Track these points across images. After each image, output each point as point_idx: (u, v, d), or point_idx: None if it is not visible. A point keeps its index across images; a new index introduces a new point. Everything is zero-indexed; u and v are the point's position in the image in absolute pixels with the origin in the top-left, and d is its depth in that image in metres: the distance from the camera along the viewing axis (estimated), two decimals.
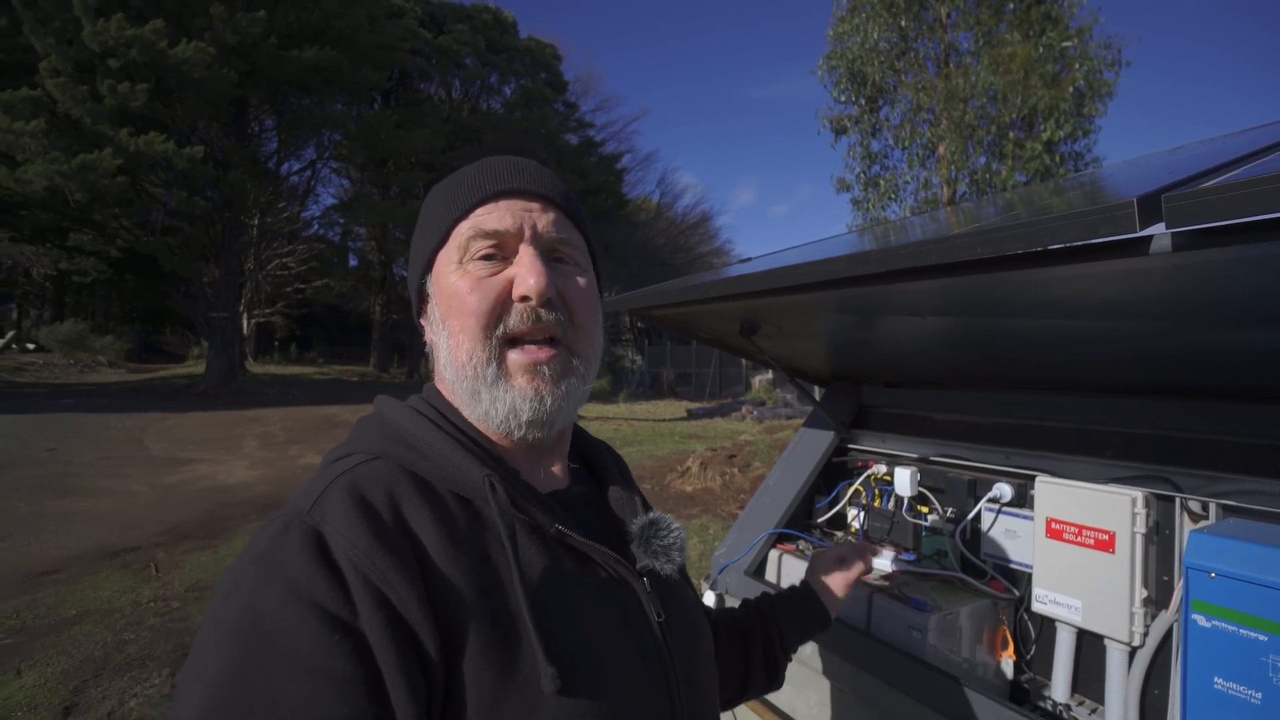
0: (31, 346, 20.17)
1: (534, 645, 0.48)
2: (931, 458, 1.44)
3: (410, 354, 23.14)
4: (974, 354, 1.27)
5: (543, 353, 0.57)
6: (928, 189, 12.76)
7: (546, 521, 0.54)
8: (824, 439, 1.66)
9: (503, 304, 0.57)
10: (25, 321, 25.63)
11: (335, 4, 14.59)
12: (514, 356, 0.57)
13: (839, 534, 1.61)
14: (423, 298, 0.64)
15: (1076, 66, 10.82)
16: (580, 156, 24.90)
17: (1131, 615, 1.01)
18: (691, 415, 13.73)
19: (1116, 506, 1.02)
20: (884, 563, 1.33)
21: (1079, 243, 0.51)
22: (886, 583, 1.27)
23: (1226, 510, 0.97)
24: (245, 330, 19.40)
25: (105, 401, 12.33)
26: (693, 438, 10.08)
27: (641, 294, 1.35)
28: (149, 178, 13.57)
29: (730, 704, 0.87)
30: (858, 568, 0.99)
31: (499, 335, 0.56)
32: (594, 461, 0.72)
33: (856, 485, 1.55)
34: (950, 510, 1.36)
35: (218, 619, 0.44)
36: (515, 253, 0.58)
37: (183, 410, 11.75)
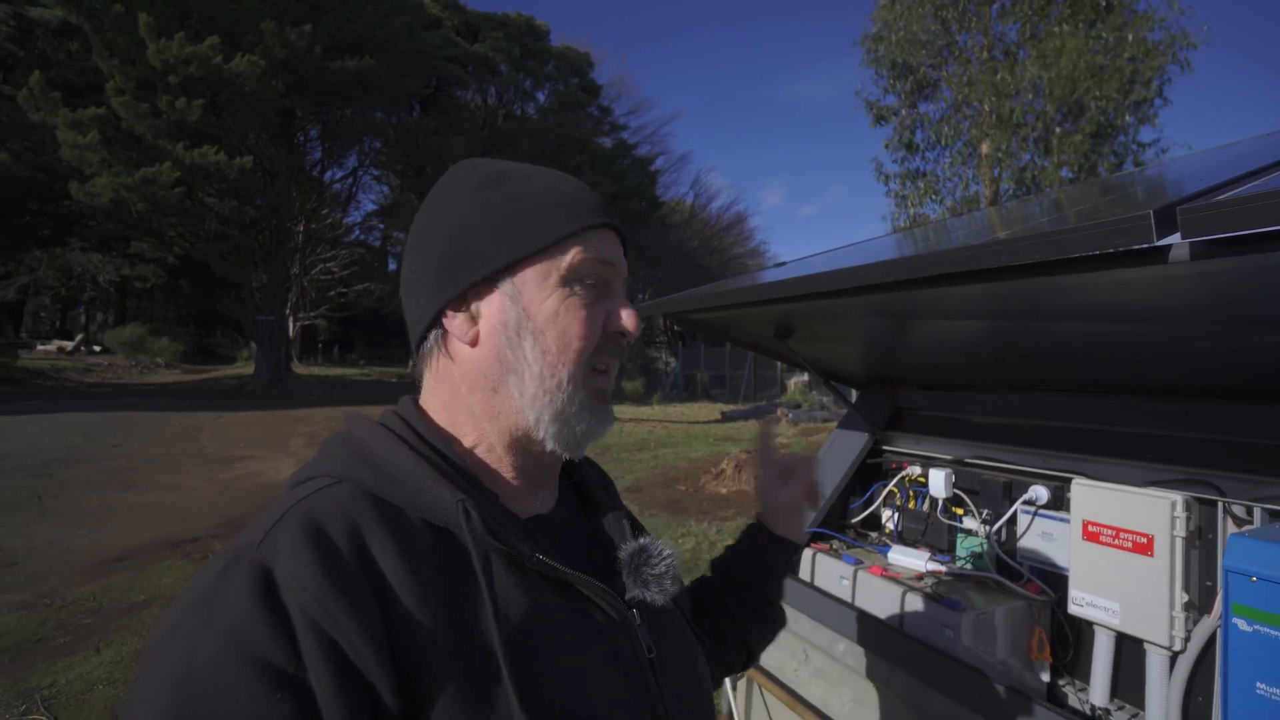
0: (98, 349, 21.39)
1: (510, 693, 0.44)
2: (966, 459, 1.45)
3: None
4: (1010, 357, 1.27)
5: (609, 379, 0.59)
6: (970, 187, 12.45)
7: (526, 551, 0.50)
8: (858, 440, 1.67)
9: (602, 336, 0.57)
10: (92, 325, 27.20)
11: (375, 14, 15.08)
12: (596, 383, 0.57)
13: (873, 534, 1.62)
14: (476, 295, 0.56)
15: (1126, 57, 10.40)
16: (614, 160, 25.07)
17: (1172, 619, 1.00)
18: (726, 418, 13.68)
19: (1155, 509, 1.02)
20: (917, 563, 1.34)
21: (1098, 252, 0.53)
22: (920, 582, 1.28)
23: (1272, 515, 0.96)
24: (291, 333, 20.16)
25: (164, 401, 13.01)
26: (727, 440, 10.05)
27: (678, 298, 1.40)
28: (203, 188, 14.25)
29: (747, 665, 0.85)
30: (805, 476, 0.86)
31: (590, 365, 0.57)
32: (580, 481, 0.68)
33: (891, 486, 1.56)
34: (985, 512, 1.36)
35: (155, 666, 0.40)
36: (609, 285, 0.58)
37: (234, 409, 12.30)
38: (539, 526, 0.57)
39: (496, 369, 0.55)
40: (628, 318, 0.57)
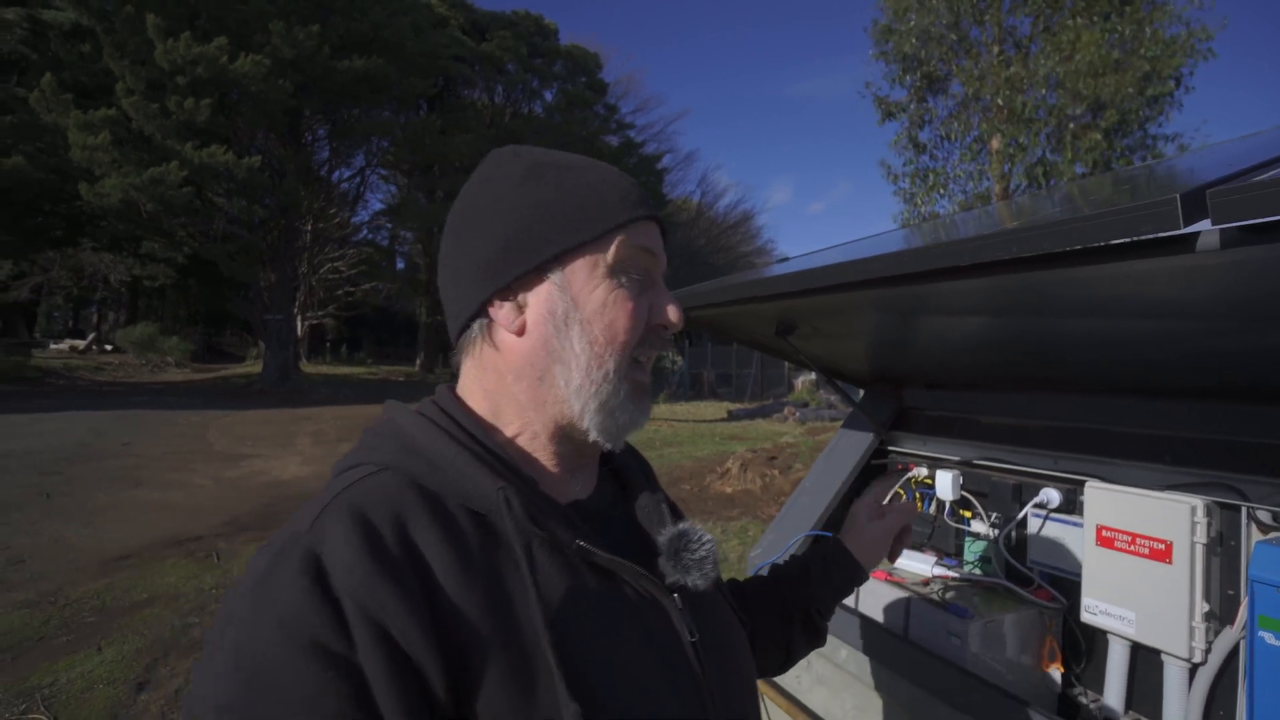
0: (109, 348, 21.62)
1: (555, 678, 0.44)
2: (975, 461, 1.40)
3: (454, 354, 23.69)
4: (1019, 355, 1.23)
5: (647, 372, 0.60)
6: (978, 182, 12.30)
7: (567, 537, 0.51)
8: (863, 440, 1.63)
9: (645, 328, 0.58)
10: (104, 325, 27.50)
11: (381, 14, 15.12)
12: (636, 375, 0.58)
13: None
14: (523, 285, 0.56)
15: (1142, 52, 10.22)
16: (621, 158, 25.03)
17: (1191, 630, 0.96)
18: (732, 416, 13.63)
19: (1174, 514, 0.97)
20: (924, 567, 1.30)
21: (1119, 241, 0.49)
22: (926, 587, 1.24)
23: None
24: (299, 332, 20.27)
25: (173, 399, 13.12)
26: (733, 439, 10.01)
27: (677, 295, 1.36)
28: (211, 187, 14.35)
29: (781, 670, 0.87)
30: (897, 521, 0.91)
31: (633, 357, 0.57)
32: (619, 466, 0.69)
33: (896, 488, 1.52)
34: (994, 515, 1.32)
35: (214, 650, 0.42)
36: (652, 277, 0.59)
37: (242, 408, 12.38)
38: (578, 511, 0.57)
39: (543, 358, 0.55)
40: (671, 310, 0.58)
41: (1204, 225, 0.46)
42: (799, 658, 0.86)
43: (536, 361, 0.56)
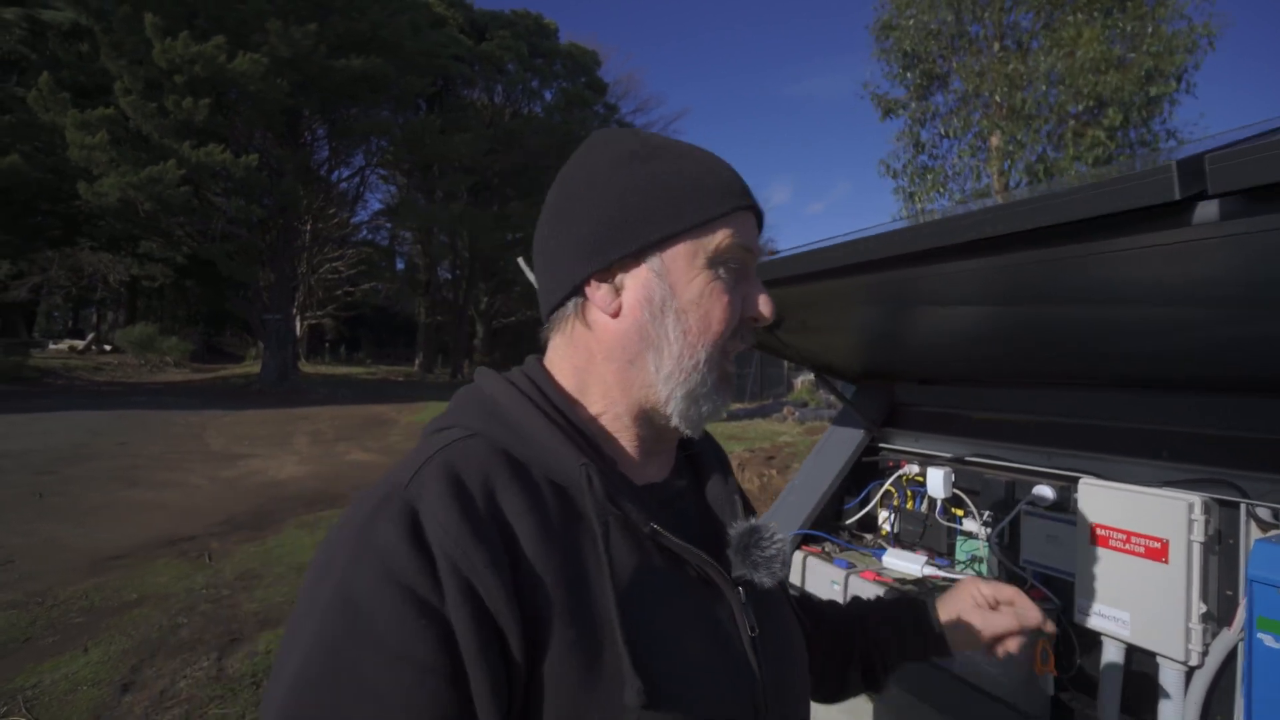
0: (108, 348, 21.60)
1: (620, 653, 0.46)
2: (967, 458, 1.37)
3: (454, 355, 23.70)
4: (1012, 348, 1.19)
5: (732, 362, 0.60)
6: (978, 179, 12.26)
7: (641, 519, 0.52)
8: (854, 437, 1.59)
9: (739, 319, 0.59)
10: (103, 325, 27.50)
11: (380, 13, 15.09)
12: (725, 366, 0.59)
13: (868, 536, 1.55)
14: (622, 268, 0.56)
15: (1145, 49, 10.17)
16: None
17: (1188, 631, 0.92)
18: (731, 416, 13.60)
19: (1170, 512, 0.94)
20: (914, 567, 1.26)
21: (1106, 212, 0.45)
22: (915, 588, 1.20)
23: None
24: (298, 332, 20.24)
25: (171, 399, 13.09)
26: (732, 439, 9.98)
27: None
28: (210, 187, 14.31)
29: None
30: (1003, 623, 0.81)
31: (723, 348, 0.58)
32: (695, 453, 0.69)
33: (887, 486, 1.48)
34: (986, 513, 1.28)
35: (314, 590, 0.45)
36: (746, 269, 0.59)
37: (240, 408, 12.35)
38: (653, 494, 0.58)
39: (636, 343, 0.56)
40: (764, 304, 0.59)
41: (1202, 203, 0.42)
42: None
43: (629, 345, 0.56)
